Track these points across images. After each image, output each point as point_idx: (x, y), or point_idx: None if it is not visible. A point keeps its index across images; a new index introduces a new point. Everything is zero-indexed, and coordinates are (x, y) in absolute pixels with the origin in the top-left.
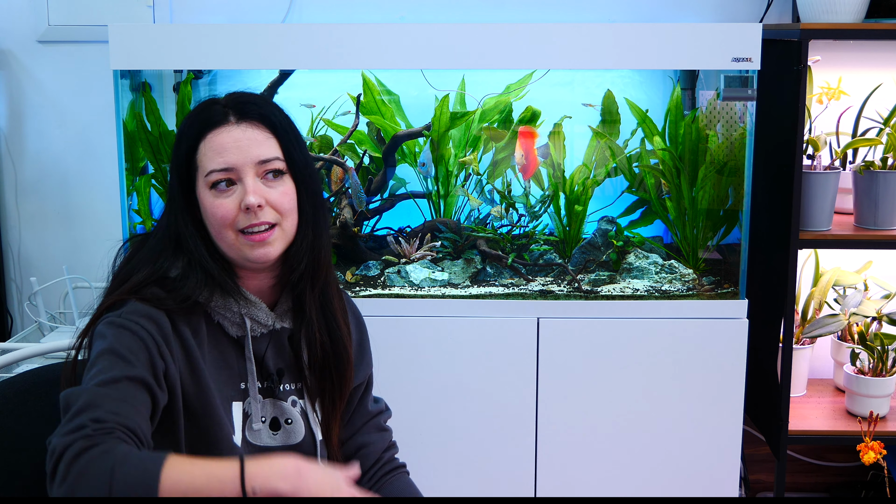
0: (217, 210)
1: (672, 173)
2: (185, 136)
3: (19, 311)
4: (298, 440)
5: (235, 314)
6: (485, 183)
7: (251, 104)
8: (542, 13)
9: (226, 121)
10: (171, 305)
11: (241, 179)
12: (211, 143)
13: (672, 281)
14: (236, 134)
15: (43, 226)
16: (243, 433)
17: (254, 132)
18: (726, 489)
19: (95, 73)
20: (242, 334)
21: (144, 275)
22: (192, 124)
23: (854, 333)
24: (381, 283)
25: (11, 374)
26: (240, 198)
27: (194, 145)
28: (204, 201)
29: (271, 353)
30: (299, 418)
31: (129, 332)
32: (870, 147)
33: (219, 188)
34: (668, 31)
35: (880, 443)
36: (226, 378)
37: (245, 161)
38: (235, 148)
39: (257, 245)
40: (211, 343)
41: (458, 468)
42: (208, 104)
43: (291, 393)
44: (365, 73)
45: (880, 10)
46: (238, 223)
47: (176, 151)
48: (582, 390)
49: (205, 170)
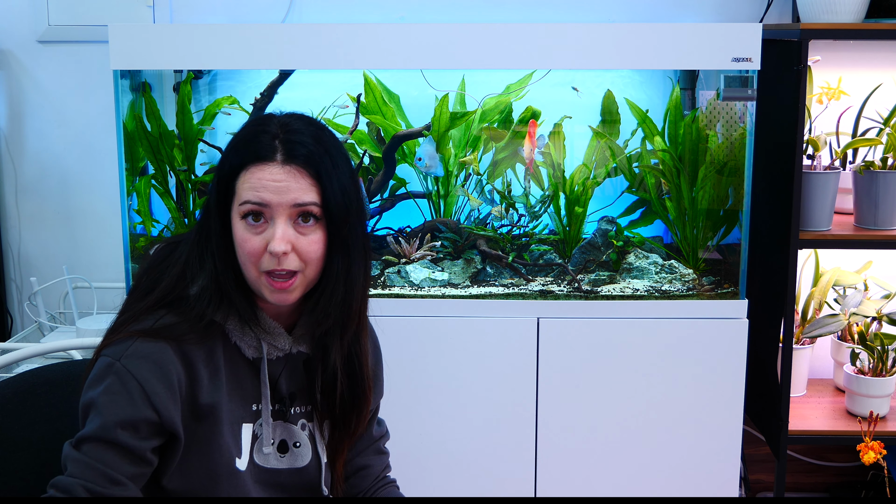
0: (244, 245)
1: (672, 173)
2: (228, 160)
3: (19, 311)
4: (305, 463)
5: (253, 338)
6: (485, 183)
7: (301, 145)
8: (542, 13)
9: (272, 158)
10: (183, 332)
11: (272, 219)
12: (251, 177)
13: (672, 281)
14: (279, 175)
15: (43, 226)
16: (251, 455)
17: (298, 175)
18: (726, 489)
19: (95, 73)
20: (259, 356)
21: (164, 289)
22: (238, 150)
23: (854, 333)
24: (381, 283)
25: (11, 374)
26: (268, 238)
27: (236, 172)
28: (235, 228)
29: (285, 376)
30: (307, 441)
31: (120, 383)
32: (870, 147)
33: (249, 221)
34: (668, 31)
35: (880, 443)
36: (239, 399)
37: (280, 203)
38: (275, 188)
39: (276, 291)
40: (227, 364)
41: (458, 468)
42: (259, 131)
43: (301, 416)
44: (367, 73)
45: (880, 10)
46: (262, 264)
47: (219, 170)
48: (582, 390)
49: (240, 198)
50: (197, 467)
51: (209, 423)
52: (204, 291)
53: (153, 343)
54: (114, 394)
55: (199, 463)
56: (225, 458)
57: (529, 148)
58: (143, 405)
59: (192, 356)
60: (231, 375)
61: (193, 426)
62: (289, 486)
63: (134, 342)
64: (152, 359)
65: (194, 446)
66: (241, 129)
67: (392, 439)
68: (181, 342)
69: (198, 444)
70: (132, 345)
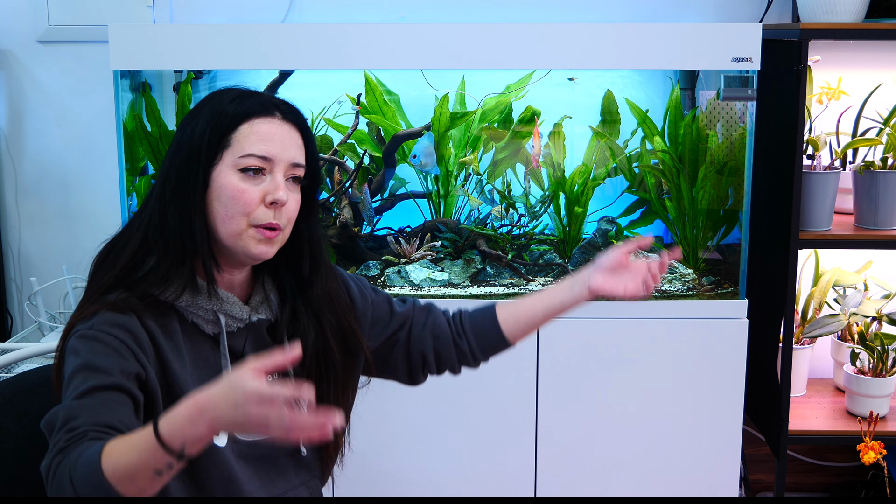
0: (241, 195)
1: (672, 173)
2: (226, 113)
3: (19, 311)
4: None
5: (208, 311)
6: (485, 183)
7: (291, 109)
8: (542, 13)
9: (272, 113)
10: (136, 305)
11: (272, 172)
12: (257, 128)
13: (672, 281)
14: (283, 129)
15: (43, 226)
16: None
17: (294, 135)
18: (726, 489)
19: (95, 73)
20: (218, 331)
21: (116, 272)
22: (237, 103)
23: (854, 333)
24: (382, 283)
25: (11, 374)
26: (266, 190)
27: (236, 124)
28: (226, 182)
29: (250, 346)
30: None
31: (102, 343)
32: (870, 147)
33: (248, 174)
34: (668, 31)
35: (880, 443)
36: (206, 377)
37: (283, 157)
38: (280, 141)
39: (263, 241)
40: (188, 343)
41: (458, 468)
42: (251, 92)
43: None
44: (367, 73)
45: (880, 10)
46: (256, 216)
47: (211, 122)
48: (582, 390)
49: (241, 150)
50: None
51: (178, 397)
52: (161, 264)
53: (118, 313)
54: (98, 353)
55: None
56: None
57: (537, 144)
58: (129, 356)
59: (154, 333)
60: (194, 354)
61: (167, 400)
62: (270, 456)
63: (100, 314)
64: (122, 325)
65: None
66: (228, 90)
67: (391, 440)
68: (141, 315)
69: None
70: (99, 315)
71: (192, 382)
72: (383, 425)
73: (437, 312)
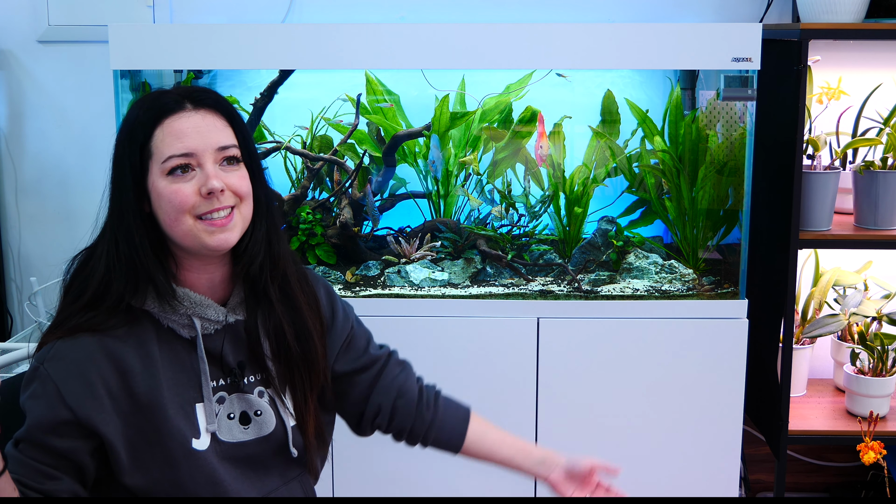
0: (175, 196)
1: (672, 173)
2: (139, 123)
3: (19, 311)
4: (270, 430)
5: (183, 316)
6: (485, 183)
7: (204, 93)
8: (542, 13)
9: (182, 107)
10: (102, 321)
11: (200, 165)
12: (169, 129)
13: (672, 281)
14: (195, 120)
15: (43, 226)
16: (209, 431)
17: (212, 119)
18: (726, 489)
19: (95, 73)
20: (195, 334)
21: (92, 291)
22: (146, 111)
23: (854, 333)
24: (381, 283)
25: (11, 374)
26: (199, 183)
27: (150, 132)
28: (159, 189)
29: (229, 347)
30: (268, 408)
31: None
32: (870, 147)
33: (176, 174)
34: (668, 31)
35: (880, 443)
36: (185, 381)
37: (205, 146)
38: (195, 133)
39: (217, 231)
40: (164, 349)
41: (458, 468)
42: (158, 94)
43: (257, 384)
44: (368, 73)
45: (880, 10)
46: (197, 208)
47: (128, 140)
48: (582, 390)
49: (162, 156)
50: (151, 456)
51: (152, 411)
52: (120, 280)
53: (73, 341)
54: (36, 398)
55: (151, 452)
56: (178, 441)
57: (545, 145)
58: (60, 406)
59: (118, 350)
60: (170, 359)
61: (137, 418)
62: (258, 456)
63: (55, 343)
64: (70, 358)
65: (142, 437)
66: (137, 101)
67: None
68: (103, 332)
69: (145, 434)
70: (53, 346)
71: (168, 388)
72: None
73: (411, 372)
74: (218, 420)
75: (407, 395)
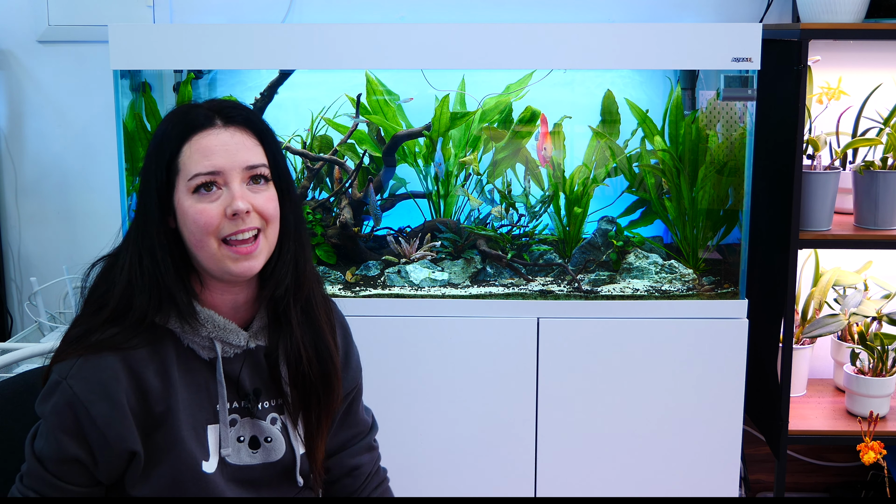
0: (200, 216)
1: (672, 173)
2: (166, 139)
3: (19, 311)
4: (279, 457)
5: (204, 338)
6: (485, 183)
7: (235, 109)
8: (542, 13)
9: (212, 124)
10: (126, 339)
11: (227, 184)
12: (196, 146)
13: (672, 281)
14: (224, 137)
15: (43, 226)
16: (221, 455)
17: (241, 136)
18: (726, 489)
19: (95, 73)
20: (214, 356)
21: (114, 305)
22: (174, 126)
23: (854, 333)
24: (381, 283)
25: (11, 374)
26: (225, 203)
27: (177, 148)
28: (184, 207)
29: (247, 372)
30: (279, 435)
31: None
32: (870, 147)
33: (201, 193)
34: (668, 31)
35: (880, 443)
36: (200, 402)
37: (233, 165)
38: (223, 151)
39: (241, 258)
40: (182, 369)
41: (458, 468)
42: (188, 108)
43: (270, 410)
44: (368, 73)
45: (880, 10)
46: (222, 230)
47: (155, 155)
48: (582, 390)
49: (189, 173)
50: (160, 475)
51: (166, 431)
52: (143, 296)
53: (98, 358)
54: (59, 414)
55: (161, 471)
56: (188, 464)
57: (549, 147)
58: (89, 427)
59: (139, 367)
60: (187, 379)
61: (151, 436)
62: (263, 481)
63: (78, 360)
64: (96, 378)
65: (154, 456)
66: (168, 116)
67: (392, 439)
68: (126, 351)
69: (158, 454)
70: (76, 363)
71: (185, 409)
72: (382, 425)
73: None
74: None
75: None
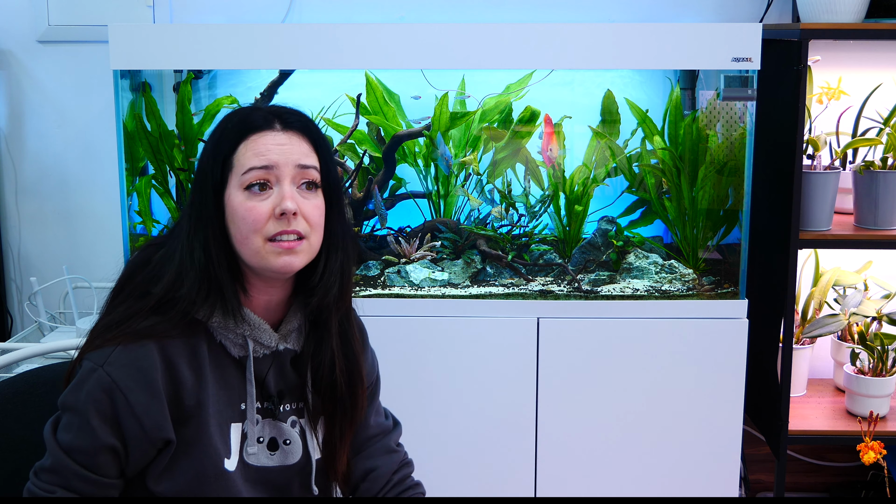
0: (249, 213)
1: (672, 173)
2: (226, 135)
3: (19, 311)
4: (296, 460)
5: (238, 336)
6: (485, 183)
7: (294, 114)
8: (542, 13)
9: (271, 126)
10: (165, 329)
11: (278, 182)
12: (253, 144)
13: (672, 281)
14: (280, 139)
15: (43, 226)
16: (241, 454)
17: (298, 140)
18: (726, 489)
19: (95, 73)
20: (244, 355)
21: (159, 294)
22: (233, 125)
23: (854, 333)
24: (381, 283)
25: (11, 374)
26: (274, 203)
27: (235, 146)
28: (235, 204)
29: (273, 374)
30: (297, 439)
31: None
32: (870, 147)
33: (253, 190)
34: (668, 31)
35: (880, 443)
36: (226, 399)
37: (286, 162)
38: (278, 150)
39: (284, 253)
40: (212, 363)
41: (458, 468)
42: (249, 110)
43: (291, 413)
44: (368, 73)
45: (880, 10)
46: (268, 230)
47: (213, 152)
48: (582, 390)
49: (242, 167)
50: (183, 469)
51: (195, 425)
52: (192, 286)
53: (138, 347)
54: (95, 401)
55: (185, 465)
56: (212, 460)
57: (555, 147)
58: (127, 416)
59: (175, 358)
60: (217, 375)
61: (180, 429)
62: (280, 484)
63: (117, 348)
64: (136, 366)
65: (181, 448)
66: (229, 114)
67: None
68: (164, 340)
69: (184, 447)
70: (115, 350)
71: (213, 404)
72: None
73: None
74: (248, 443)
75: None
